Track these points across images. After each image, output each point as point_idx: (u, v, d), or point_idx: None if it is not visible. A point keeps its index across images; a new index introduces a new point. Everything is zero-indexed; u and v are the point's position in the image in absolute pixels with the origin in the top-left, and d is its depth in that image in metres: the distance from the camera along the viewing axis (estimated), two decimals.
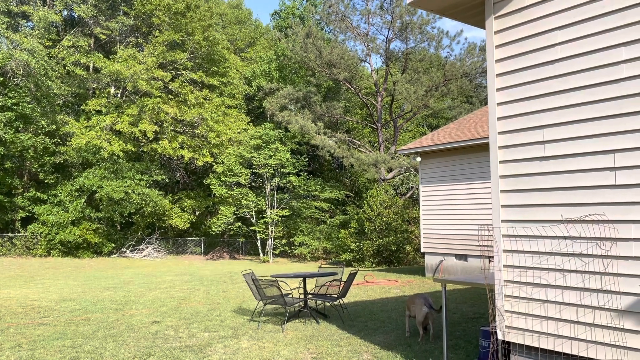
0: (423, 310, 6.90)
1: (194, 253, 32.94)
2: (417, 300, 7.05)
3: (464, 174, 14.64)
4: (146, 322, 8.45)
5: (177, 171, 35.53)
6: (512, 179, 4.74)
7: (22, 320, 8.69)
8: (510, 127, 4.78)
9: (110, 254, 28.82)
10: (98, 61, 29.33)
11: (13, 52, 26.09)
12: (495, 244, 4.78)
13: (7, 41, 27.35)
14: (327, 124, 33.50)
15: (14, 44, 26.95)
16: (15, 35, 27.00)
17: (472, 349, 6.32)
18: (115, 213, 27.96)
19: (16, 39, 26.70)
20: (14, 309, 9.84)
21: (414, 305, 7.10)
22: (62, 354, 6.37)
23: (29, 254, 27.12)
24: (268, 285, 8.15)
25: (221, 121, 31.50)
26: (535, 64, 4.61)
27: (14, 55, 25.90)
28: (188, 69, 31.50)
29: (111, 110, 29.40)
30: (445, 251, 15.36)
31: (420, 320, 6.92)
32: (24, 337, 7.37)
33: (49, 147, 28.13)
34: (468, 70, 29.89)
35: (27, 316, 9.12)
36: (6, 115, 26.48)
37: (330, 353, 6.30)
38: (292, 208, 30.95)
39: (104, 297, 11.57)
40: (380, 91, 31.74)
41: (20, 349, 6.61)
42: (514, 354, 4.72)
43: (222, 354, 6.29)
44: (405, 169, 28.71)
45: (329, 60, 29.56)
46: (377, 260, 22.52)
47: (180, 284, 14.63)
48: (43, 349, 6.63)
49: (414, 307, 7.08)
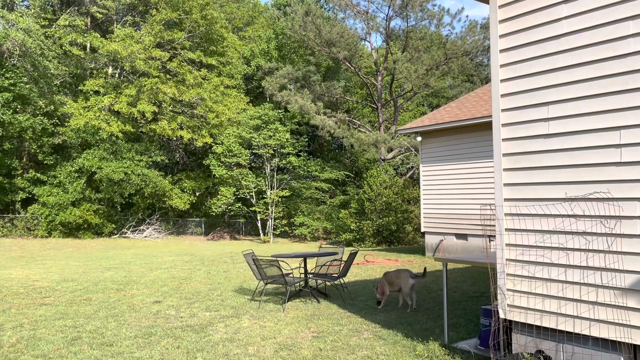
0: (410, 282, 7.46)
1: (195, 234, 33.04)
2: (403, 274, 7.57)
3: (465, 153, 14.57)
4: (147, 302, 8.47)
5: (177, 152, 35.40)
6: (516, 156, 4.67)
7: (23, 301, 8.71)
8: (513, 104, 4.70)
9: (110, 234, 28.89)
10: (95, 41, 28.95)
11: (9, 31, 25.76)
12: (497, 222, 4.74)
13: (2, 20, 26.98)
14: (327, 103, 33.27)
15: (9, 23, 26.59)
16: (10, 14, 26.62)
17: (473, 328, 6.33)
18: (115, 194, 27.94)
19: (12, 18, 26.34)
20: (16, 290, 9.87)
21: (399, 280, 7.57)
22: (64, 333, 6.38)
23: (29, 235, 27.19)
24: (269, 265, 8.15)
25: (220, 101, 31.25)
26: (540, 39, 4.51)
27: (9, 35, 25.58)
28: (186, 48, 31.14)
29: (109, 91, 29.14)
30: (445, 230, 15.37)
31: (407, 292, 7.49)
32: (25, 317, 7.39)
33: (48, 128, 27.96)
34: (469, 49, 29.58)
35: (28, 296, 9.14)
36: (4, 96, 26.26)
37: (331, 332, 6.31)
38: (292, 188, 30.94)
39: (105, 278, 11.60)
40: (381, 70, 31.45)
41: (22, 329, 6.63)
42: (515, 332, 4.72)
43: (223, 333, 6.31)
44: (405, 148, 28.61)
45: (328, 38, 29.23)
46: (377, 240, 22.58)
47: (181, 264, 14.67)
48: (45, 328, 6.65)
49: (400, 280, 7.55)
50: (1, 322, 7.07)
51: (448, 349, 5.34)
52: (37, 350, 5.62)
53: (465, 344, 5.49)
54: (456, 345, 5.49)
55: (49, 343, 5.92)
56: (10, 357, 5.40)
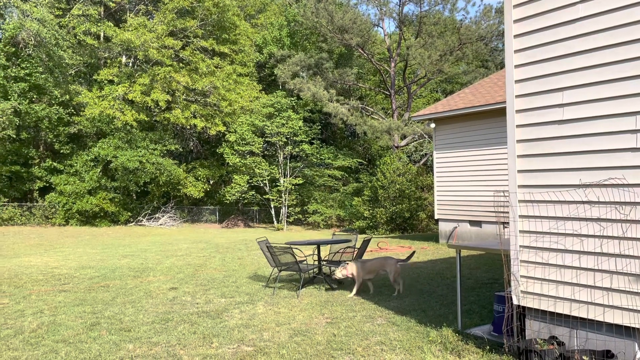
0: (398, 266, 7.88)
1: (209, 221, 33.33)
2: (390, 261, 7.93)
3: (479, 139, 14.46)
4: (164, 289, 8.61)
5: (191, 140, 35.61)
6: (530, 143, 4.64)
7: (43, 287, 8.90)
8: (528, 89, 4.66)
9: (127, 222, 29.28)
10: (108, 30, 29.10)
11: (24, 21, 25.98)
12: (511, 209, 4.72)
13: (17, 11, 27.20)
14: (340, 91, 33.14)
15: (24, 13, 26.80)
16: (25, 4, 26.82)
17: (487, 314, 6.35)
18: (130, 182, 28.26)
19: (26, 9, 26.54)
20: (35, 277, 10.08)
21: (389, 266, 7.88)
22: (83, 319, 6.52)
23: (47, 223, 27.66)
24: (282, 253, 8.22)
25: (233, 89, 31.30)
26: (555, 24, 4.45)
27: (24, 25, 25.81)
28: (199, 36, 31.15)
29: (123, 80, 29.33)
30: (459, 217, 15.32)
31: (396, 278, 7.85)
32: (45, 303, 7.56)
33: (63, 117, 28.31)
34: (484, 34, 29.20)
35: (47, 283, 9.34)
36: (20, 85, 26.62)
37: (345, 318, 6.37)
38: (305, 176, 30.99)
39: (122, 265, 11.79)
40: (394, 56, 31.20)
41: (42, 315, 6.79)
42: (529, 318, 4.73)
43: (238, 319, 6.40)
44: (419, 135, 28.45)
45: (340, 25, 29.02)
46: (391, 227, 22.59)
47: (196, 251, 14.84)
48: (64, 314, 6.80)
49: (389, 267, 7.86)
50: (22, 308, 7.24)
51: (461, 335, 5.37)
52: (57, 336, 5.76)
53: (478, 330, 5.51)
54: (470, 331, 5.51)
55: (68, 328, 6.07)
56: (32, 342, 5.54)
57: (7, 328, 6.13)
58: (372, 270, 7.86)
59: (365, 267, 7.84)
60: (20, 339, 5.63)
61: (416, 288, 8.39)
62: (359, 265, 7.84)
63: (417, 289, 8.34)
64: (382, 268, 7.90)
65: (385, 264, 7.89)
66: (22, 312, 6.95)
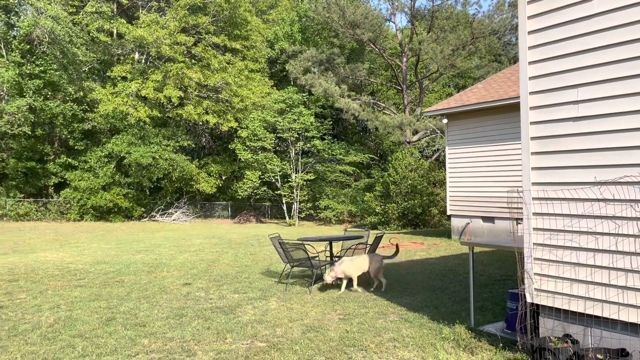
0: (382, 263, 8.04)
1: (222, 217, 33.53)
2: (377, 257, 8.05)
3: (492, 135, 14.36)
4: (177, 284, 8.70)
5: (203, 136, 35.79)
6: (544, 140, 4.61)
7: (59, 282, 9.03)
8: (542, 86, 4.62)
9: (140, 218, 29.56)
10: (121, 27, 29.30)
11: (38, 19, 26.25)
12: (525, 207, 4.70)
13: (31, 8, 27.48)
14: (351, 86, 33.07)
15: (38, 11, 27.07)
16: (39, 2, 27.07)
17: (500, 311, 6.33)
18: (143, 178, 28.51)
19: (40, 6, 26.80)
20: (51, 272, 10.23)
21: (375, 262, 7.97)
22: (99, 314, 6.62)
23: (62, 218, 28.01)
24: (295, 249, 8.26)
25: (244, 85, 31.38)
26: (570, 20, 4.41)
27: (39, 23, 26.08)
28: (210, 32, 31.25)
29: (136, 77, 29.54)
30: (471, 213, 15.26)
31: (378, 274, 7.96)
32: (62, 298, 7.67)
33: (78, 114, 28.60)
34: (497, 28, 28.94)
35: (63, 278, 9.47)
36: (35, 82, 26.93)
37: (357, 314, 6.39)
38: (316, 172, 31.03)
39: (136, 260, 11.92)
40: (406, 51, 31.05)
41: (58, 310, 6.90)
42: (542, 316, 4.71)
43: (251, 315, 6.45)
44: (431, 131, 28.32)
45: (352, 20, 28.94)
46: (403, 222, 22.55)
47: (209, 247, 14.95)
48: (80, 309, 6.90)
49: (375, 263, 7.96)
50: (39, 303, 7.36)
51: (474, 332, 5.36)
52: (74, 330, 5.85)
53: (491, 327, 5.51)
54: (483, 328, 5.51)
55: (84, 323, 6.16)
56: (49, 336, 5.63)
57: (24, 323, 6.23)
58: (360, 267, 7.87)
59: (355, 264, 7.85)
60: (38, 334, 5.73)
61: (428, 284, 8.38)
62: (349, 264, 7.83)
63: (429, 285, 8.33)
64: (369, 264, 7.91)
65: (371, 260, 7.93)
66: (39, 307, 7.07)
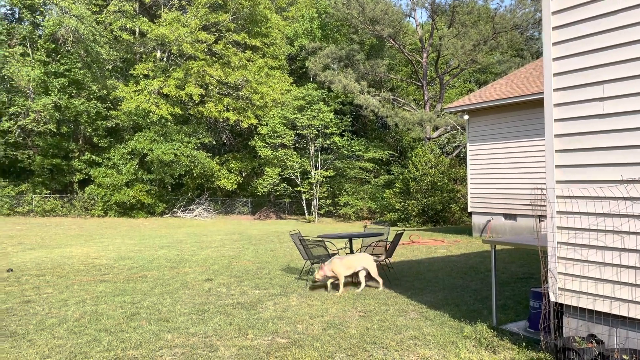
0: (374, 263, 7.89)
1: (242, 213, 33.78)
2: (369, 257, 7.94)
3: (514, 131, 14.18)
4: (199, 280, 8.80)
5: (223, 133, 36.08)
6: (568, 137, 4.54)
7: (84, 277, 9.22)
8: (566, 83, 4.55)
9: (162, 214, 29.96)
10: (143, 25, 29.66)
11: (62, 18, 26.73)
12: (548, 205, 4.64)
13: (56, 8, 28.00)
14: (371, 82, 32.94)
15: (63, 10, 27.57)
16: (63, 1, 27.57)
17: (522, 310, 6.27)
18: (166, 175, 28.89)
19: (65, 6, 27.29)
20: (77, 267, 10.45)
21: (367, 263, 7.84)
22: (123, 309, 6.74)
23: (87, 214, 28.55)
24: (315, 245, 8.29)
25: (264, 82, 31.52)
26: (596, 15, 4.33)
27: (63, 22, 26.56)
28: (231, 30, 31.43)
29: (158, 74, 29.89)
30: (493, 210, 15.10)
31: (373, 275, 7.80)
32: (87, 293, 7.84)
33: (101, 111, 29.11)
34: (519, 22, 28.49)
35: (89, 273, 9.67)
36: (60, 81, 27.46)
37: (378, 312, 6.40)
38: (336, 168, 31.02)
39: (159, 256, 12.10)
40: (426, 47, 30.79)
41: (84, 304, 7.05)
42: (566, 316, 4.65)
43: (272, 311, 6.50)
44: (451, 127, 28.06)
45: (372, 16, 28.79)
46: (423, 219, 22.43)
47: (229, 243, 15.09)
48: (105, 304, 7.04)
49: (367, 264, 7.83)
50: (65, 297, 7.53)
51: (496, 330, 5.32)
52: (99, 325, 5.97)
53: (514, 326, 5.46)
54: (505, 327, 5.46)
55: (109, 318, 6.28)
56: (75, 330, 5.76)
57: (52, 317, 6.38)
58: (350, 267, 7.77)
59: (344, 263, 7.75)
60: (65, 328, 5.87)
61: (449, 282, 8.34)
62: (338, 262, 7.71)
63: (450, 283, 8.29)
64: (360, 264, 7.81)
65: (363, 261, 7.83)
66: (65, 302, 7.23)
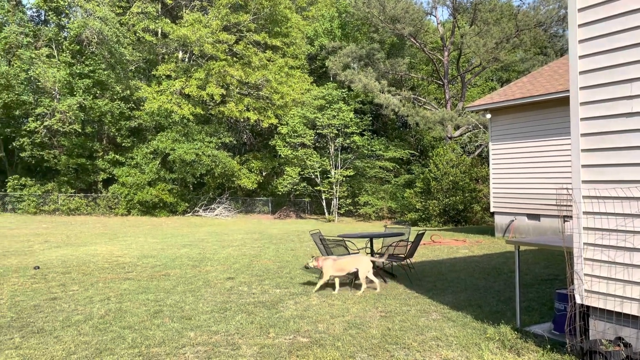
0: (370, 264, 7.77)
1: (262, 212, 33.95)
2: (363, 259, 7.81)
3: (538, 130, 13.97)
4: (221, 278, 8.88)
5: (244, 133, 36.32)
6: (595, 137, 4.46)
7: (109, 275, 9.38)
8: (593, 81, 4.47)
9: (184, 213, 30.29)
10: (166, 26, 30.04)
11: (87, 20, 27.23)
12: (574, 205, 4.56)
13: (81, 10, 28.53)
14: (391, 81, 32.79)
15: (87, 12, 28.08)
16: (88, 3, 28.08)
17: (547, 312, 6.18)
18: (187, 174, 29.22)
19: (89, 8, 27.79)
20: (101, 265, 10.63)
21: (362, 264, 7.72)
22: (147, 307, 6.84)
23: (111, 213, 29.03)
24: (335, 245, 8.29)
25: (285, 82, 31.63)
26: (624, 12, 4.24)
27: (88, 24, 27.05)
28: (251, 30, 31.62)
29: (180, 75, 30.24)
30: (516, 210, 14.90)
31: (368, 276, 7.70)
32: (111, 290, 7.97)
33: (125, 112, 29.56)
34: (542, 19, 28.06)
35: (113, 271, 9.83)
36: (84, 82, 27.98)
37: (399, 312, 6.37)
38: (356, 168, 30.97)
39: (181, 254, 12.24)
40: (447, 45, 30.53)
41: (109, 302, 7.17)
42: (593, 318, 4.57)
43: (293, 310, 6.52)
44: (473, 126, 27.79)
45: (392, 15, 28.66)
46: (444, 219, 22.25)
47: (250, 242, 15.18)
48: (129, 302, 7.15)
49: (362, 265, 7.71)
50: (90, 295, 7.67)
51: (520, 332, 5.25)
52: (123, 322, 6.07)
53: (538, 328, 5.38)
54: (529, 329, 5.39)
55: (133, 315, 6.38)
56: (100, 327, 5.86)
57: (77, 314, 6.51)
58: (343, 268, 7.71)
59: (336, 264, 7.70)
60: (90, 325, 5.98)
61: (471, 283, 8.26)
62: (330, 262, 7.69)
63: (472, 283, 8.21)
64: (354, 266, 7.74)
65: (357, 262, 7.75)
66: (90, 299, 7.36)
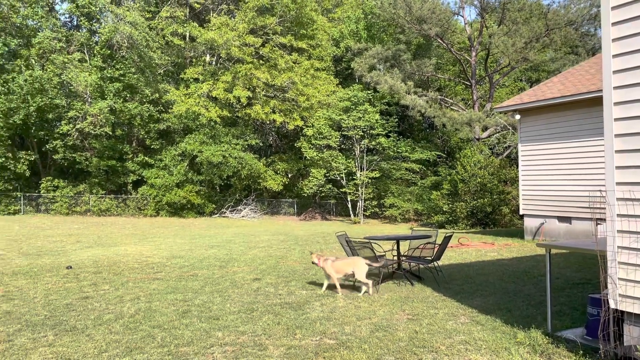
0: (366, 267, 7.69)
1: (288, 214, 34.09)
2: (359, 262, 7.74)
3: (569, 131, 13.66)
4: (248, 279, 8.95)
5: (270, 135, 36.54)
6: (630, 137, 4.34)
7: (138, 275, 9.55)
8: (627, 81, 4.35)
9: (211, 214, 30.64)
10: (193, 30, 30.48)
11: (118, 25, 27.83)
12: (608, 208, 4.45)
13: (111, 15, 29.18)
14: (417, 82, 32.55)
15: (117, 17, 28.70)
16: (118, 9, 28.70)
17: (579, 316, 6.03)
18: (214, 176, 29.56)
19: (120, 13, 28.40)
20: (131, 265, 10.83)
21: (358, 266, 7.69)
22: (175, 306, 6.94)
23: (140, 214, 29.56)
24: (362, 247, 8.26)
25: (310, 84, 31.71)
26: None
27: (118, 29, 27.65)
28: (277, 33, 31.81)
29: (207, 78, 30.62)
30: (546, 213, 14.60)
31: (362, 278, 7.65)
32: (141, 290, 8.11)
33: (154, 114, 30.09)
34: (573, 18, 27.48)
35: (142, 271, 10.01)
36: (115, 85, 28.60)
37: (427, 315, 6.31)
38: (381, 170, 30.83)
39: (208, 255, 12.38)
40: (475, 45, 30.16)
41: (138, 301, 7.30)
42: (627, 323, 4.44)
43: (320, 312, 6.52)
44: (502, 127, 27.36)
45: (419, 15, 28.47)
46: (471, 222, 21.96)
47: (276, 243, 15.26)
48: (158, 301, 7.27)
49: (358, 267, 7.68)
50: (121, 294, 7.82)
51: (551, 337, 5.14)
52: (153, 322, 6.17)
53: (570, 333, 5.26)
54: (560, 334, 5.27)
55: (162, 315, 6.48)
56: (131, 326, 5.97)
57: (108, 313, 6.65)
58: (341, 269, 7.72)
59: (334, 266, 7.75)
60: (121, 324, 6.09)
61: (501, 286, 8.12)
62: (329, 263, 7.76)
63: (501, 287, 8.07)
64: (350, 268, 7.73)
65: (353, 265, 7.73)
66: (121, 298, 7.51)
